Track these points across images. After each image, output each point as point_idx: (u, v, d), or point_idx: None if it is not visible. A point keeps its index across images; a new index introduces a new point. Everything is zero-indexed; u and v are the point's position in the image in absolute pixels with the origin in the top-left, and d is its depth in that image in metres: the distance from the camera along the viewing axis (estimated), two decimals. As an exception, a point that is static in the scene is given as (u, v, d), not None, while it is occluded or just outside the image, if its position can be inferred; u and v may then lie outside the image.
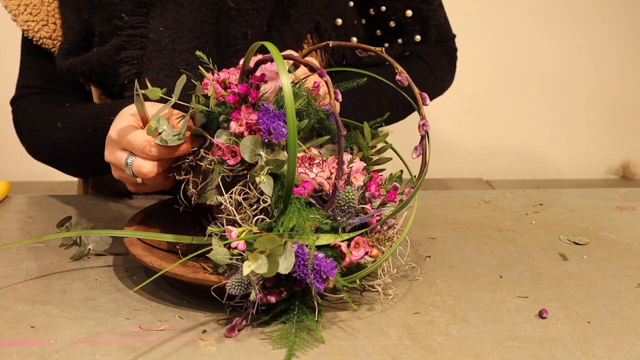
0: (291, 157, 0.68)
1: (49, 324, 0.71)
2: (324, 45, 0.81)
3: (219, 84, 0.77)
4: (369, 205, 0.75)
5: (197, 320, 0.73)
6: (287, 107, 0.67)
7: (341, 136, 0.70)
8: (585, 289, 0.81)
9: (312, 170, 0.74)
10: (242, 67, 0.76)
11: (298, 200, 0.71)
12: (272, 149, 0.74)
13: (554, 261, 0.89)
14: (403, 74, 0.77)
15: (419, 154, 0.76)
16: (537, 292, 0.80)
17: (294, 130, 0.67)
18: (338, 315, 0.74)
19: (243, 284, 0.68)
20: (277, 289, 0.70)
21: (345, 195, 0.71)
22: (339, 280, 0.69)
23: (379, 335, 0.70)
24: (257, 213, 0.72)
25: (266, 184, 0.72)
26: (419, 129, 0.76)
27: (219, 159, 0.76)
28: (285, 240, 0.68)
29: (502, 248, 0.92)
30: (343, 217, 0.72)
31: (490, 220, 1.03)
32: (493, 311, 0.75)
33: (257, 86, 0.76)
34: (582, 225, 1.01)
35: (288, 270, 0.67)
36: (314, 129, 0.79)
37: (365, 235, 0.73)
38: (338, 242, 0.71)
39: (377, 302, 0.77)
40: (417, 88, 0.77)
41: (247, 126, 0.74)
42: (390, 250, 0.74)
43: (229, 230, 0.70)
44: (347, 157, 0.76)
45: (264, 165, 0.72)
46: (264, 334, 0.70)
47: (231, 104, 0.76)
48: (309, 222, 0.70)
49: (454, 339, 0.70)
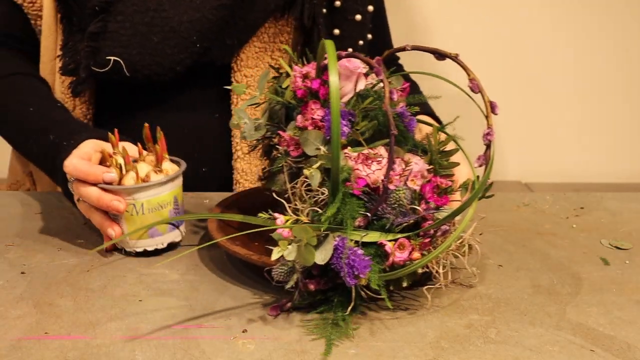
0: (334, 151, 0.69)
1: (90, 320, 0.73)
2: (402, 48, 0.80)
3: (300, 77, 0.78)
4: (423, 207, 0.74)
5: (236, 319, 0.73)
6: (332, 102, 0.68)
7: (392, 135, 0.70)
8: (628, 294, 0.80)
9: (370, 168, 0.75)
10: (317, 63, 0.77)
11: (346, 194, 0.72)
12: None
13: (595, 266, 0.87)
14: (475, 80, 0.76)
15: (482, 164, 0.75)
16: (578, 297, 0.79)
17: (337, 126, 0.68)
18: (379, 315, 0.74)
19: (287, 269, 0.71)
20: (320, 278, 0.72)
21: (396, 194, 0.71)
22: (373, 279, 0.70)
23: (416, 337, 0.70)
24: (313, 204, 0.73)
25: (314, 177, 0.73)
26: (483, 139, 0.75)
27: (285, 149, 0.77)
28: (326, 232, 0.69)
29: (542, 252, 0.91)
30: (392, 215, 0.72)
31: (530, 223, 1.02)
32: (532, 315, 0.75)
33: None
34: (624, 229, 0.99)
35: (324, 261, 0.69)
36: (382, 130, 0.79)
37: (412, 238, 0.73)
38: (384, 240, 0.71)
39: (417, 304, 0.77)
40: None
41: (312, 121, 0.75)
42: (427, 258, 0.72)
43: (275, 218, 0.72)
44: (412, 158, 0.76)
45: (317, 159, 0.73)
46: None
47: (300, 98, 0.77)
48: (349, 217, 0.71)
49: (492, 342, 0.69)
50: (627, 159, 3.20)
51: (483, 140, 0.75)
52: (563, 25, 2.99)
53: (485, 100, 0.76)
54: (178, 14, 1.04)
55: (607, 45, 2.98)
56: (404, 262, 0.71)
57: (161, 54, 1.04)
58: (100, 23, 1.02)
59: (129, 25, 1.03)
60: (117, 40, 1.02)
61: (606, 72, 3.06)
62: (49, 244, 0.91)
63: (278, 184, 0.79)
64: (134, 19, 1.03)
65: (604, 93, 3.12)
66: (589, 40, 2.96)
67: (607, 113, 3.12)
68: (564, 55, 3.00)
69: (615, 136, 3.13)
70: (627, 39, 2.99)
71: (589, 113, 3.11)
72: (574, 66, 3.04)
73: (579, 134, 3.12)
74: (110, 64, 1.02)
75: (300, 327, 0.71)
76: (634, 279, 0.84)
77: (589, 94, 3.09)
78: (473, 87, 0.76)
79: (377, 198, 0.73)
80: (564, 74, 3.04)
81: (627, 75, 3.04)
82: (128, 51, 1.03)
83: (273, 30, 1.13)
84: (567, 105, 3.10)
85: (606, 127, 3.13)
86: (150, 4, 1.03)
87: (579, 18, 3.08)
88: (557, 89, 3.07)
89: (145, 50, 1.03)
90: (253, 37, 1.12)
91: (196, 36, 1.05)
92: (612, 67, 3.03)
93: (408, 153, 0.77)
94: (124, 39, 1.03)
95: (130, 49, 1.03)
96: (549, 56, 3.04)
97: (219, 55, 1.10)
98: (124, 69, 1.03)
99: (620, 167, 3.24)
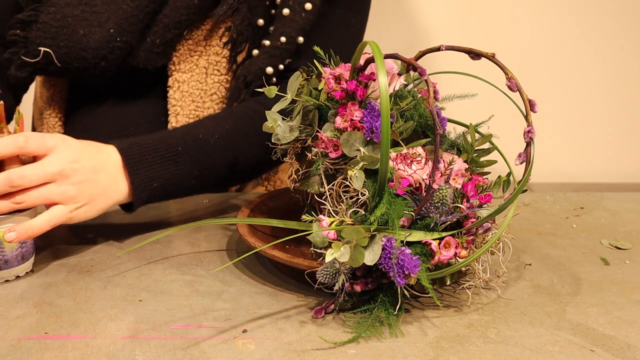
0: (384, 152, 0.69)
1: (90, 319, 0.73)
2: (436, 48, 0.80)
3: (333, 79, 0.78)
4: (465, 205, 0.75)
5: (236, 319, 0.73)
6: (382, 104, 0.68)
7: (437, 135, 0.70)
8: (628, 294, 0.80)
9: (410, 167, 0.75)
10: (352, 64, 0.77)
11: (391, 195, 0.72)
12: (373, 146, 0.75)
13: (595, 266, 0.87)
14: (513, 79, 0.76)
15: (522, 161, 0.75)
16: (578, 297, 0.79)
17: (387, 127, 0.68)
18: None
19: (332, 271, 0.71)
20: (365, 279, 0.73)
21: (440, 192, 0.72)
22: (423, 278, 0.70)
23: (416, 337, 0.70)
24: (352, 205, 0.74)
25: (358, 178, 0.73)
26: (524, 136, 0.75)
27: (322, 151, 0.77)
28: (373, 233, 0.70)
29: (542, 252, 0.91)
30: (436, 214, 0.72)
31: (530, 223, 1.02)
32: (532, 315, 0.75)
33: (366, 84, 0.76)
34: (624, 229, 0.99)
35: (373, 262, 0.69)
36: (417, 130, 0.79)
37: (457, 236, 0.73)
38: (429, 239, 0.72)
39: (417, 304, 0.77)
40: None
41: (351, 123, 0.76)
42: (474, 256, 0.72)
43: (321, 220, 0.72)
44: (449, 158, 0.76)
45: (359, 160, 0.74)
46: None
47: (338, 100, 0.77)
48: (396, 217, 0.71)
49: (492, 342, 0.69)
50: (627, 159, 3.20)
51: (524, 137, 0.75)
52: (561, 26, 2.99)
53: (524, 98, 0.76)
54: (108, 10, 1.04)
55: (606, 45, 2.98)
56: (448, 260, 0.72)
57: (85, 47, 1.04)
58: (31, 12, 1.04)
59: (59, 17, 1.03)
60: (47, 31, 1.04)
61: (606, 72, 3.06)
62: (49, 244, 0.91)
63: (314, 185, 0.80)
64: (64, 11, 1.04)
65: (603, 93, 3.12)
66: (590, 41, 2.96)
67: (607, 113, 3.12)
68: (563, 55, 3.00)
69: (615, 136, 3.13)
70: (632, 39, 2.99)
71: (588, 113, 3.11)
72: (573, 66, 3.04)
73: (579, 134, 3.12)
74: (41, 54, 1.03)
75: (301, 327, 0.71)
76: (634, 279, 0.84)
77: (589, 94, 3.08)
78: (511, 86, 0.76)
79: (420, 197, 0.73)
80: (563, 74, 3.04)
81: (627, 75, 3.04)
82: (56, 43, 1.03)
83: (208, 31, 1.09)
84: (566, 106, 3.10)
85: (606, 127, 3.13)
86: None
87: (577, 18, 3.08)
88: (557, 89, 3.07)
89: (71, 43, 1.04)
90: (186, 38, 1.09)
91: (113, 28, 1.04)
92: (612, 67, 3.03)
93: (445, 152, 0.78)
94: (53, 30, 1.04)
95: (58, 41, 1.03)
96: (546, 56, 3.04)
97: (146, 58, 1.07)
98: (55, 60, 1.04)
99: (620, 167, 3.24)
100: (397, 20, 1.87)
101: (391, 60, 0.81)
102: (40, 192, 0.79)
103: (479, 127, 0.82)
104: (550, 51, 3.18)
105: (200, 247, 0.91)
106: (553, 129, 3.26)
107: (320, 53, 0.83)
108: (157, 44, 1.06)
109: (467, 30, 2.15)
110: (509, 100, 0.81)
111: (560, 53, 3.16)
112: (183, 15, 1.05)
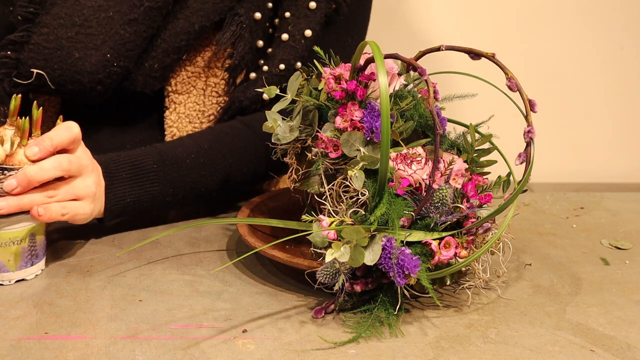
0: (384, 152, 0.69)
1: (90, 319, 0.72)
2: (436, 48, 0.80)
3: (333, 79, 0.78)
4: (465, 205, 0.75)
5: (236, 319, 0.73)
6: (382, 104, 0.68)
7: (437, 135, 0.70)
8: (628, 294, 0.80)
9: (410, 167, 0.75)
10: (351, 64, 0.77)
11: (391, 194, 0.72)
12: (373, 146, 0.75)
13: (595, 266, 0.87)
14: (513, 79, 0.76)
15: (522, 161, 0.75)
16: (578, 297, 0.79)
17: (387, 127, 0.68)
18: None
19: (332, 271, 0.71)
20: (365, 279, 0.73)
21: (440, 192, 0.71)
22: (423, 278, 0.70)
23: (416, 337, 0.70)
24: (352, 205, 0.74)
25: (358, 178, 0.73)
26: (524, 136, 0.75)
27: (322, 151, 0.77)
28: (373, 233, 0.70)
29: (542, 252, 0.91)
30: (436, 214, 0.72)
31: (530, 223, 1.02)
32: (532, 315, 0.75)
33: (366, 84, 0.76)
34: (624, 229, 0.99)
35: (374, 262, 0.69)
36: (417, 130, 0.79)
37: (457, 236, 0.73)
38: (429, 239, 0.72)
39: (417, 304, 0.77)
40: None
41: (351, 123, 0.76)
42: (474, 256, 0.72)
43: (321, 220, 0.72)
44: (449, 158, 0.76)
45: (359, 160, 0.74)
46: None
47: (338, 100, 0.77)
48: (396, 217, 0.71)
49: (492, 342, 0.69)
50: (627, 159, 3.20)
51: (524, 137, 0.75)
52: (561, 26, 2.99)
53: (524, 98, 0.76)
54: (103, 32, 1.01)
55: (606, 45, 2.97)
56: (448, 260, 0.72)
57: (81, 70, 1.01)
58: (23, 32, 1.01)
59: (52, 39, 1.01)
60: (39, 52, 1.01)
61: (606, 72, 3.05)
62: (49, 244, 0.91)
63: (314, 185, 0.80)
64: (58, 33, 1.01)
65: (603, 93, 3.11)
66: (591, 42, 2.96)
67: (607, 113, 3.12)
68: (563, 55, 3.00)
69: (615, 136, 3.13)
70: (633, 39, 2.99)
71: (588, 113, 3.11)
72: (573, 66, 3.04)
73: (579, 134, 3.12)
74: (34, 76, 1.01)
75: (300, 327, 0.71)
76: (634, 279, 0.84)
77: (589, 94, 3.08)
78: (511, 86, 0.76)
79: (420, 197, 0.73)
80: (563, 74, 3.04)
81: (627, 75, 3.04)
82: (50, 65, 1.01)
83: (209, 55, 1.08)
84: (566, 106, 3.10)
85: (606, 127, 3.12)
86: (77, 19, 1.02)
87: (580, 18, 3.07)
88: (557, 89, 3.07)
89: (65, 66, 1.01)
90: (185, 62, 1.08)
91: (110, 53, 1.01)
92: (612, 67, 3.03)
93: (445, 152, 0.78)
94: (46, 52, 1.01)
95: (52, 63, 1.01)
96: (546, 56, 3.04)
97: (144, 82, 1.06)
98: (48, 82, 1.02)
99: (620, 167, 3.24)
100: (397, 20, 1.88)
101: (391, 60, 0.81)
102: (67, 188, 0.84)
103: (479, 127, 0.83)
104: (550, 51, 3.18)
105: (200, 247, 0.91)
106: (553, 129, 3.26)
107: (320, 53, 0.83)
108: (155, 68, 1.05)
109: (467, 30, 2.15)
110: (509, 100, 0.81)
111: (560, 53, 3.17)
112: (183, 40, 1.04)
